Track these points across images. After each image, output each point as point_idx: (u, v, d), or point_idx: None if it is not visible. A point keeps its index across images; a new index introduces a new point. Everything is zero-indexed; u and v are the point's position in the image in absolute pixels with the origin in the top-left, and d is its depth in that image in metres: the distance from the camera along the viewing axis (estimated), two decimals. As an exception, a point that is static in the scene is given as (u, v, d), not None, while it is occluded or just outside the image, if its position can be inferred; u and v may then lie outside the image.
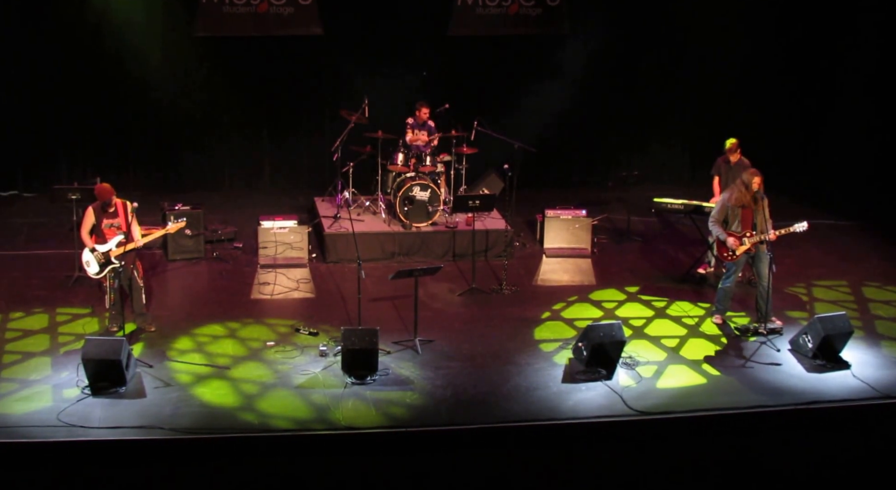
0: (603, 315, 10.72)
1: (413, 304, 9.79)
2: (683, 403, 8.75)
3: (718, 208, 10.18)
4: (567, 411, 8.60)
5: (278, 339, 9.88)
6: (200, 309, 10.68)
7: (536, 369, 9.35)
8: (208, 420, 8.23)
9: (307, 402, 8.59)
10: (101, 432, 7.99)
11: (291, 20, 14.46)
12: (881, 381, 9.19)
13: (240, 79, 14.64)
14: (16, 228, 13.15)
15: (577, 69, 15.26)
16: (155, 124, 14.61)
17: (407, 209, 12.29)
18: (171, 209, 12.06)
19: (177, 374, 9.05)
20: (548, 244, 12.78)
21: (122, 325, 9.49)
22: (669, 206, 12.32)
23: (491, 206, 12.14)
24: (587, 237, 12.72)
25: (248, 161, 15.24)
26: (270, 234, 11.94)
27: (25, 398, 8.50)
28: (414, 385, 8.97)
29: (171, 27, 14.26)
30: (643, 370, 9.34)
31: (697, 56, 15.44)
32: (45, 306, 10.50)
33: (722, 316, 10.44)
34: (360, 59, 14.56)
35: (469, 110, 13.16)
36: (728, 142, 11.49)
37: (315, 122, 15.02)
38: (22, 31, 13.92)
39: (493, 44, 15.15)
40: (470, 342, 9.92)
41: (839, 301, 11.17)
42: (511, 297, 11.20)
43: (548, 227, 12.75)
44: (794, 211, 13.15)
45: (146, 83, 14.30)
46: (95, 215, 9.67)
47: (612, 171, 15.69)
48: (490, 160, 13.86)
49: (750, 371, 9.39)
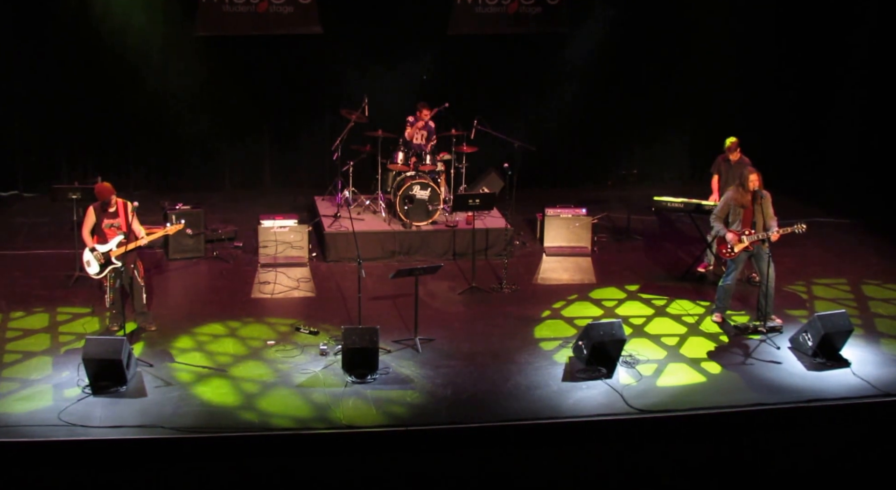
0: (603, 313, 10.72)
1: (413, 302, 9.80)
2: (684, 402, 8.76)
3: (721, 205, 10.19)
4: (567, 410, 8.61)
5: (279, 338, 9.89)
6: (201, 308, 10.68)
7: (537, 368, 9.35)
8: (209, 419, 8.24)
9: (308, 401, 8.60)
10: (102, 432, 7.99)
11: (291, 19, 14.46)
12: (881, 378, 9.20)
13: (240, 78, 14.65)
14: (16, 228, 13.16)
15: (576, 68, 15.29)
16: (155, 124, 14.60)
17: (407, 208, 12.29)
18: (171, 208, 12.07)
19: (177, 373, 9.05)
20: (548, 243, 12.78)
21: (122, 325, 9.50)
22: (669, 205, 12.33)
23: (491, 205, 12.14)
24: (587, 236, 12.73)
25: (248, 160, 15.25)
26: (271, 234, 11.94)
27: (26, 397, 8.50)
28: (414, 384, 8.97)
29: (171, 26, 14.26)
30: (643, 368, 9.34)
31: (697, 54, 15.43)
32: (46, 306, 10.51)
33: (722, 314, 10.45)
34: (360, 59, 14.58)
35: (469, 109, 13.18)
36: (728, 140, 11.49)
37: (315, 121, 15.02)
38: (22, 32, 13.93)
39: (492, 43, 15.15)
40: (470, 341, 9.92)
41: (839, 299, 11.18)
42: (511, 296, 11.21)
43: (548, 225, 12.76)
44: (793, 209, 13.18)
45: (146, 83, 14.32)
46: (96, 215, 9.68)
47: (611, 170, 15.70)
48: (490, 159, 13.87)
49: (750, 369, 9.39)
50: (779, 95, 15.88)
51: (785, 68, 15.80)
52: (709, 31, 15.18)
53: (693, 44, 15.34)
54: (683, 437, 8.52)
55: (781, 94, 15.88)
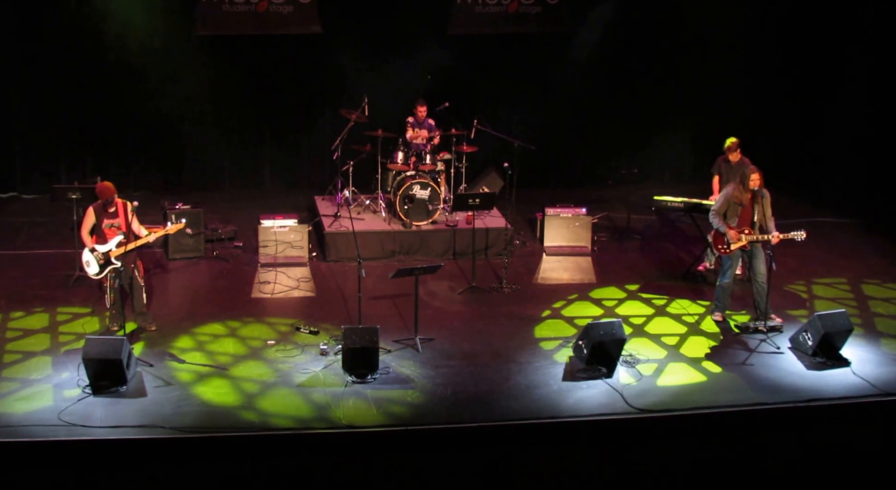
0: (603, 313, 10.72)
1: (413, 302, 9.80)
2: (684, 401, 8.76)
3: (721, 201, 10.19)
4: (567, 409, 8.61)
5: (279, 338, 9.88)
6: (201, 308, 10.68)
7: (537, 367, 9.35)
8: (209, 419, 8.24)
9: (308, 401, 8.59)
10: (102, 431, 7.99)
11: (291, 19, 14.47)
12: (881, 378, 9.20)
13: (239, 78, 14.65)
14: (16, 228, 13.16)
15: (576, 67, 15.28)
16: (155, 123, 14.59)
17: (407, 208, 12.29)
18: (171, 208, 12.08)
19: (177, 372, 9.05)
20: (548, 242, 12.78)
21: (122, 325, 9.50)
22: (669, 204, 12.33)
23: (491, 205, 12.14)
24: (587, 235, 12.73)
25: (248, 160, 15.25)
26: (271, 233, 11.94)
27: (26, 397, 8.50)
28: (414, 383, 8.97)
29: (171, 26, 14.26)
30: (643, 368, 9.34)
31: (697, 54, 15.43)
32: (46, 306, 10.51)
33: (722, 313, 10.45)
34: (360, 58, 14.57)
35: (469, 109, 13.17)
36: (728, 141, 11.48)
37: (315, 120, 15.02)
38: (22, 32, 13.93)
39: (492, 43, 15.15)
40: (470, 340, 9.92)
41: (839, 298, 11.18)
42: (511, 296, 11.20)
43: (548, 225, 12.76)
44: (793, 209, 13.18)
45: (146, 82, 14.31)
46: (96, 215, 9.67)
47: (611, 169, 15.69)
48: (490, 158, 13.87)
49: (750, 368, 9.39)
50: (779, 95, 15.87)
51: (785, 68, 15.80)
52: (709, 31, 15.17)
53: (693, 43, 15.34)
54: (683, 437, 8.52)
55: (782, 93, 15.88)
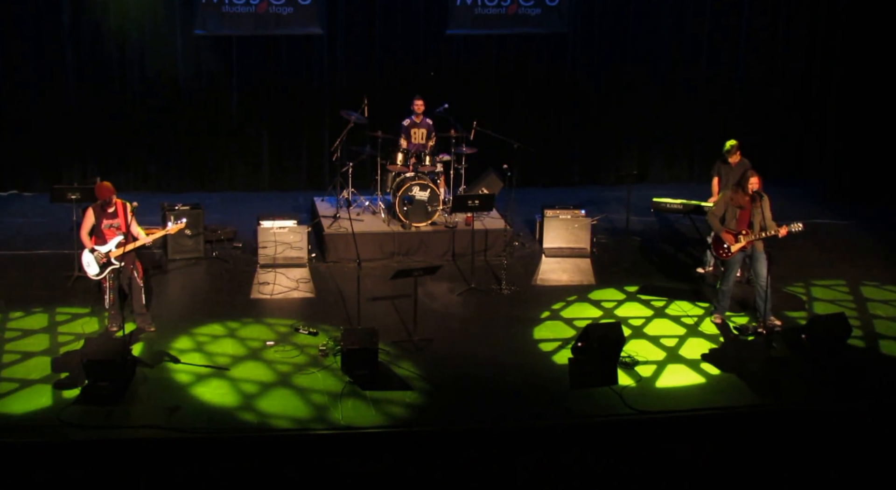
0: (602, 315, 10.73)
1: (413, 303, 9.81)
2: (683, 403, 8.77)
3: (719, 204, 10.20)
4: (566, 411, 8.60)
5: (278, 339, 9.89)
6: (200, 308, 10.69)
7: (535, 369, 9.35)
8: (209, 419, 8.25)
9: (307, 402, 8.60)
10: (101, 432, 7.99)
11: (291, 19, 14.48)
12: (879, 379, 9.20)
13: (239, 78, 14.67)
14: (16, 228, 13.16)
15: (576, 68, 15.30)
16: (155, 123, 14.62)
17: (406, 209, 12.30)
18: (171, 209, 12.07)
19: (177, 373, 9.06)
20: (547, 244, 12.78)
21: (121, 325, 9.49)
22: (668, 206, 12.33)
23: (490, 206, 12.14)
24: (586, 237, 12.73)
25: (248, 161, 15.25)
26: (270, 234, 11.94)
27: (26, 397, 8.50)
28: (413, 384, 8.98)
29: (171, 26, 14.28)
30: (642, 370, 9.35)
31: (697, 54, 15.44)
32: (45, 306, 10.51)
33: (721, 315, 10.45)
34: (360, 59, 14.58)
35: (468, 110, 13.18)
36: (727, 143, 11.48)
37: (315, 121, 15.03)
38: (21, 32, 13.94)
39: (492, 43, 15.16)
40: (469, 342, 9.92)
41: (837, 300, 11.18)
42: (510, 297, 11.21)
43: (547, 226, 12.76)
44: (793, 210, 13.18)
45: (146, 82, 14.33)
46: (95, 216, 9.67)
47: (611, 170, 15.71)
48: (489, 160, 13.88)
49: (749, 370, 9.39)
50: (779, 96, 15.89)
51: (785, 68, 15.82)
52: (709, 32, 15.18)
53: (693, 44, 15.35)
54: (683, 438, 8.53)
55: (781, 94, 15.90)
